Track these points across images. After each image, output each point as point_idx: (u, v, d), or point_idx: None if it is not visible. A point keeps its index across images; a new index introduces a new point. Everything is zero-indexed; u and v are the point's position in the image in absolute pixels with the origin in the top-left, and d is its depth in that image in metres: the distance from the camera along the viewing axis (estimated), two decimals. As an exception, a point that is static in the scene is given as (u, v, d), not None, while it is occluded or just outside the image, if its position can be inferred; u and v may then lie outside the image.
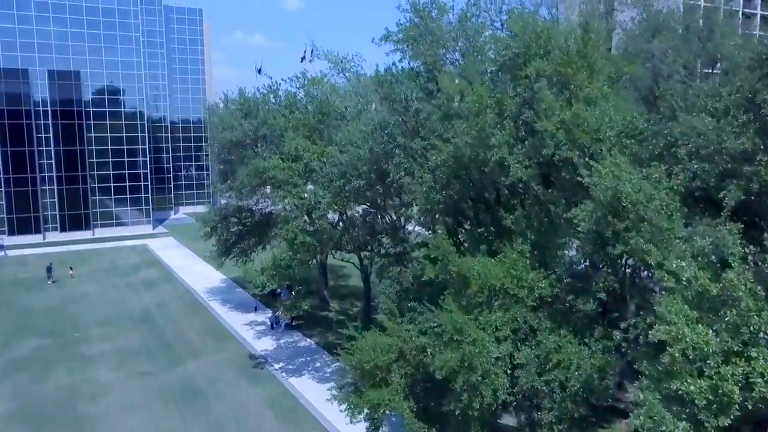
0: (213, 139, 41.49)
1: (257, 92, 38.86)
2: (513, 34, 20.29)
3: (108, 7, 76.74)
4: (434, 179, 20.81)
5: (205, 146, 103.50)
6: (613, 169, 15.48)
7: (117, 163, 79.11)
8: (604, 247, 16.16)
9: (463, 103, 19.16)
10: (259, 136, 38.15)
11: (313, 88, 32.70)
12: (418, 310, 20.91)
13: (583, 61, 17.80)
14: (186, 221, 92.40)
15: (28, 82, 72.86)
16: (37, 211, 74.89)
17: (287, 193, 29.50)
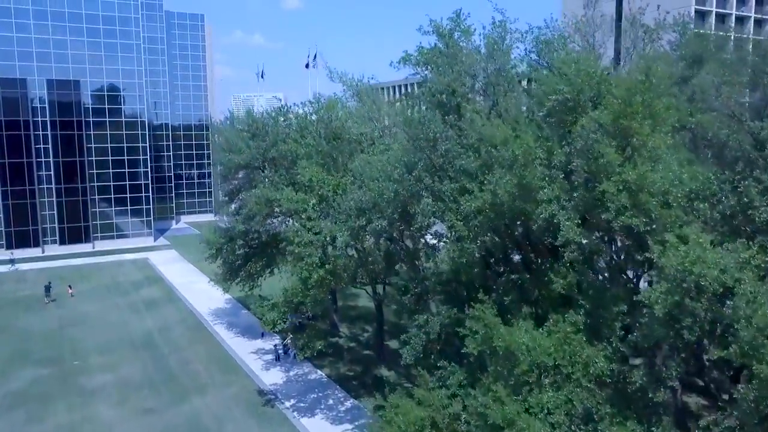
0: (218, 160, 39.66)
1: (265, 113, 37.13)
2: (559, 72, 18.45)
3: (108, 15, 74.92)
4: (467, 227, 19.06)
5: (207, 153, 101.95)
6: (694, 250, 13.73)
7: (117, 173, 77.34)
8: (680, 332, 14.44)
9: (506, 151, 17.39)
10: (267, 158, 36.40)
11: (327, 113, 30.83)
12: (449, 369, 19.18)
13: (646, 111, 16.01)
14: (187, 231, 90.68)
15: (27, 91, 71.10)
16: (36, 223, 73.13)
17: (301, 227, 27.73)
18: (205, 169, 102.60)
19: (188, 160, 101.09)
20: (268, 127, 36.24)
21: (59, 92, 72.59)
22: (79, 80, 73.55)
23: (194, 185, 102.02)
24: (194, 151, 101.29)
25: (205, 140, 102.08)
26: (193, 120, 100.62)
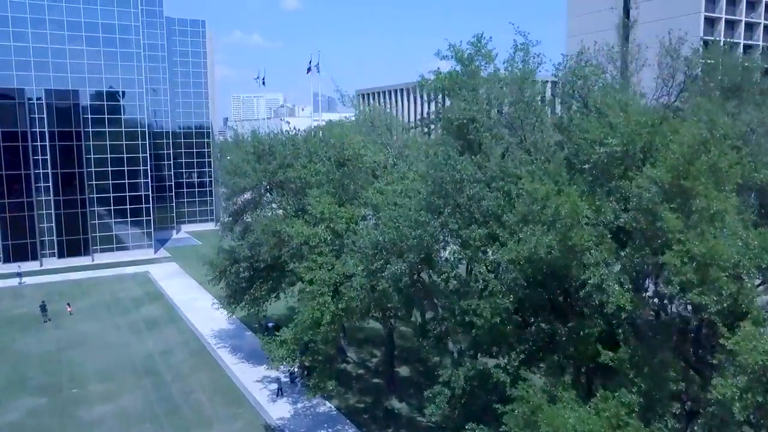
0: (223, 182, 38.09)
1: (272, 134, 35.60)
2: (598, 110, 16.95)
3: (108, 23, 73.37)
4: (499, 280, 17.55)
5: (208, 162, 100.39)
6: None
7: (117, 185, 75.77)
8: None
9: (548, 208, 15.90)
10: (274, 181, 34.88)
11: (339, 140, 29.23)
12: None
13: (711, 171, 14.46)
14: (188, 242, 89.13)
15: (24, 102, 69.50)
16: (34, 236, 71.56)
17: (313, 263, 26.22)
18: (206, 177, 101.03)
19: (189, 168, 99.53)
20: (274, 149, 34.69)
21: (58, 102, 71.01)
22: (78, 90, 71.98)
23: (195, 194, 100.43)
24: (195, 159, 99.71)
25: (207, 147, 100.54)
26: (194, 127, 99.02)
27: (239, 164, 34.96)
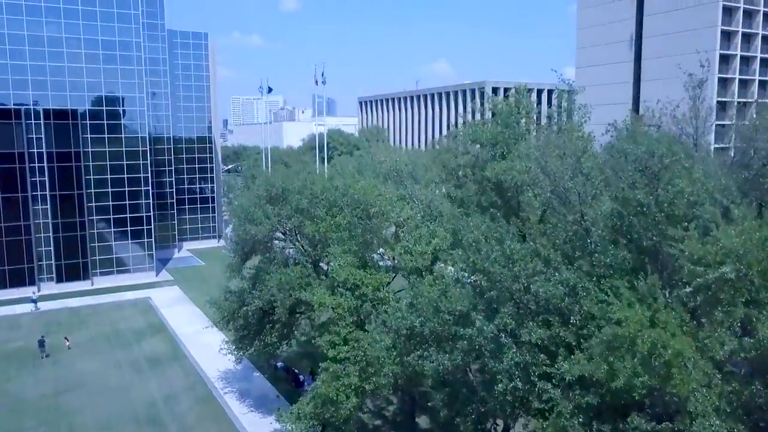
0: (234, 228, 35.57)
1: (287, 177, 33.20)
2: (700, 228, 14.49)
3: (108, 40, 70.91)
4: (567, 397, 15.14)
5: (211, 177, 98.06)
6: None
7: (117, 206, 73.30)
8: None
9: (641, 341, 13.49)
10: (288, 228, 32.46)
11: (361, 194, 26.66)
12: None
13: None
14: (191, 262, 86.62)
15: (22, 122, 67.02)
16: (32, 261, 69.05)
17: (336, 336, 23.82)
18: (209, 193, 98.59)
19: (191, 184, 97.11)
20: (289, 195, 32.23)
21: (56, 122, 68.53)
22: (77, 109, 69.54)
23: (197, 210, 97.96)
24: (197, 174, 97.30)
25: (209, 163, 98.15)
26: (197, 141, 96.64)
27: (250, 210, 32.50)
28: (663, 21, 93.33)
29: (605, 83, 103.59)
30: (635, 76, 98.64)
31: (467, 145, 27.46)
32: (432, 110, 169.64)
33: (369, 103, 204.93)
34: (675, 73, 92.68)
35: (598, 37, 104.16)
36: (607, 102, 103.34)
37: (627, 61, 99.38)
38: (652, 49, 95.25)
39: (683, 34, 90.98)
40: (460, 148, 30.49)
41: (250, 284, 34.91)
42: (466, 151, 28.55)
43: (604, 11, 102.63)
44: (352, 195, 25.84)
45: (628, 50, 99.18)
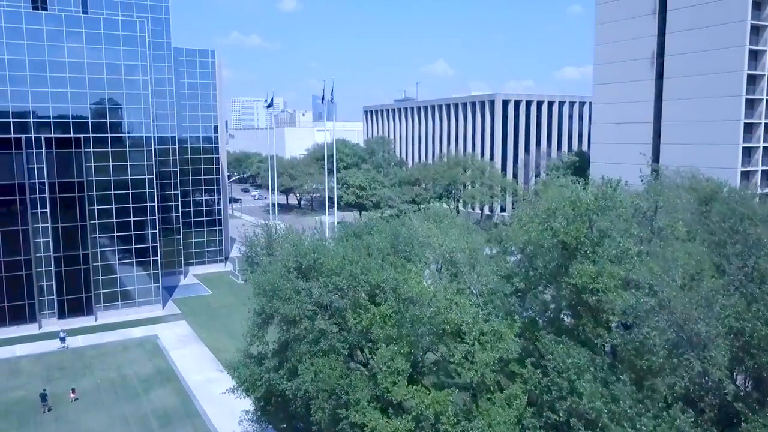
0: (257, 302, 32.14)
1: (320, 247, 29.85)
2: None
3: (113, 63, 67.55)
4: None
5: (218, 199, 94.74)
6: None
7: (122, 237, 69.95)
8: None
9: None
10: (322, 304, 29.12)
11: (416, 295, 23.26)
12: None
13: None
14: (198, 291, 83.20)
15: (22, 152, 63.67)
16: (32, 297, 65.67)
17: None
18: (215, 215, 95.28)
19: (197, 206, 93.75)
20: (321, 266, 28.88)
21: (58, 151, 65.21)
22: (80, 137, 66.18)
23: (203, 233, 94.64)
24: (204, 197, 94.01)
25: (216, 184, 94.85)
26: (203, 164, 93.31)
27: (277, 283, 29.15)
28: (686, 39, 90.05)
29: (625, 101, 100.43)
30: (657, 95, 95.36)
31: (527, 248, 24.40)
32: (440, 122, 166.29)
33: (374, 113, 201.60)
34: (699, 93, 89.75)
35: (616, 54, 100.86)
36: (627, 120, 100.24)
37: (648, 79, 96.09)
38: (675, 68, 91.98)
39: (708, 54, 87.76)
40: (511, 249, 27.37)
41: (275, 362, 31.52)
42: (526, 249, 25.26)
43: (623, 27, 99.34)
44: (404, 292, 22.47)
45: (649, 68, 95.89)
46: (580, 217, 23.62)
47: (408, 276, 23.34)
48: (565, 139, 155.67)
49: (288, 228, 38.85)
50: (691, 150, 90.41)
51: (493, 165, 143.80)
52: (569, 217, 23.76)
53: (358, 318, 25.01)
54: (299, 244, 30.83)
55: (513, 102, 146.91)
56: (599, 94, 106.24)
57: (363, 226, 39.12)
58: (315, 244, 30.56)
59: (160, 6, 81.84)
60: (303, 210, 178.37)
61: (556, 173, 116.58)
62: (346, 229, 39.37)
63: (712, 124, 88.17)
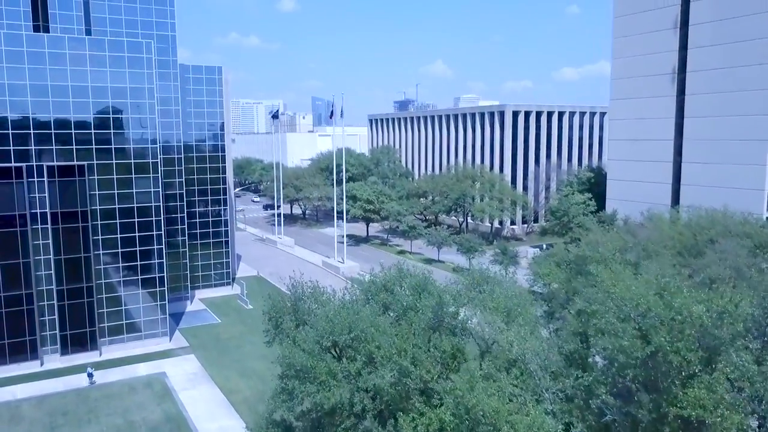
0: (284, 384, 28.96)
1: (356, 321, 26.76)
2: None
3: (119, 87, 64.49)
4: None
5: (225, 220, 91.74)
6: None
7: (128, 267, 66.91)
8: None
9: None
10: (363, 388, 26.06)
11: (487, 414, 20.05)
12: None
13: None
14: (206, 319, 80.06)
15: (23, 181, 60.61)
16: (34, 333, 62.59)
17: None
18: (222, 237, 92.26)
19: (204, 228, 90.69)
20: (360, 345, 25.81)
21: (61, 180, 62.16)
22: (84, 164, 63.11)
23: (210, 255, 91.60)
24: (210, 218, 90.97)
25: (223, 205, 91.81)
26: (210, 184, 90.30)
27: (309, 364, 26.06)
28: (709, 54, 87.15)
29: (644, 117, 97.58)
30: (678, 112, 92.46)
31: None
32: (448, 132, 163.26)
33: (379, 122, 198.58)
34: (722, 111, 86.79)
35: (635, 69, 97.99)
36: (646, 137, 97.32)
37: (668, 95, 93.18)
38: (697, 84, 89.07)
39: (732, 70, 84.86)
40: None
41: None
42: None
43: (642, 42, 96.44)
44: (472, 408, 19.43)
45: (669, 83, 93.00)
46: (690, 336, 20.04)
47: (472, 381, 20.35)
48: (576, 151, 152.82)
49: (315, 287, 35.78)
50: (714, 169, 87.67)
51: (503, 177, 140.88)
52: (672, 325, 20.37)
53: (412, 423, 22.02)
54: (333, 318, 27.70)
55: (523, 113, 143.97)
56: (616, 110, 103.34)
57: (394, 276, 36.07)
58: (351, 319, 27.45)
59: (166, 23, 78.82)
60: (308, 221, 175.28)
61: (570, 189, 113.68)
62: (374, 282, 36.26)
63: (736, 143, 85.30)
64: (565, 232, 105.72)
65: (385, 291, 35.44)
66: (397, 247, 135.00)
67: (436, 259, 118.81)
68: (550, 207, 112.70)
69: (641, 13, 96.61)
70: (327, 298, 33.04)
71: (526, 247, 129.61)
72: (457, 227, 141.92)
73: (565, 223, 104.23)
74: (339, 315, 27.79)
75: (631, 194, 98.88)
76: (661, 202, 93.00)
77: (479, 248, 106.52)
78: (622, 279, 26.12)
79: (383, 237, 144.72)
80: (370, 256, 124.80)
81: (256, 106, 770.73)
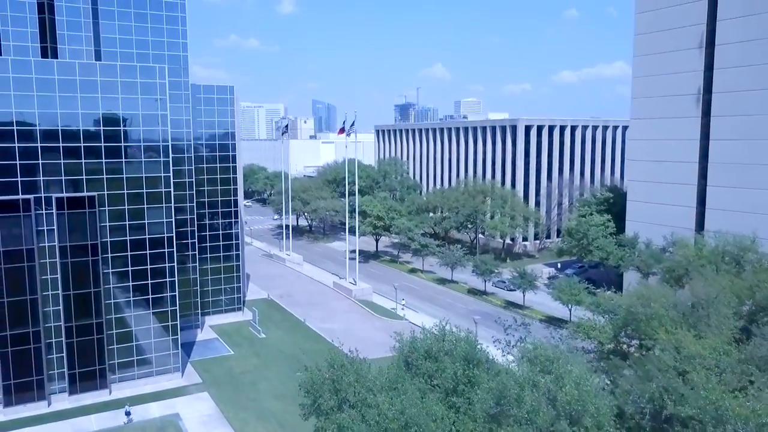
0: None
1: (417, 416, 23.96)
2: None
3: (131, 113, 61.80)
4: None
5: (236, 243, 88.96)
6: None
7: (139, 301, 64.15)
8: None
9: None
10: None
11: None
12: None
13: None
14: (218, 350, 77.14)
15: (31, 214, 57.85)
16: (41, 372, 59.79)
17: None
18: (234, 261, 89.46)
19: (214, 252, 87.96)
20: None
21: (70, 212, 59.40)
22: (94, 195, 60.36)
23: (221, 280, 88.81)
24: (222, 242, 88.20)
25: (234, 228, 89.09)
26: (221, 206, 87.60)
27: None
28: (736, 76, 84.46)
29: (666, 138, 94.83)
30: (703, 134, 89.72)
31: None
32: (457, 145, 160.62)
33: (386, 132, 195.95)
34: (750, 134, 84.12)
35: (657, 88, 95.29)
36: (669, 159, 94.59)
37: (693, 116, 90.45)
38: (724, 106, 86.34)
39: (760, 93, 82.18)
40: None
41: None
42: None
43: (665, 61, 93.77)
44: None
45: (694, 104, 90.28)
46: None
47: None
48: (588, 165, 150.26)
49: (354, 357, 33.05)
50: (742, 194, 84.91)
51: (515, 193, 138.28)
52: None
53: None
54: (382, 407, 24.91)
55: (535, 127, 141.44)
56: (636, 130, 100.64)
57: (434, 343, 33.30)
58: (400, 406, 24.71)
59: (178, 43, 76.14)
60: (314, 234, 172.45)
61: (587, 209, 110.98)
62: (415, 347, 33.53)
63: (764, 168, 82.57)
64: (584, 255, 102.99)
65: (428, 359, 32.75)
66: (408, 264, 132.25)
67: (449, 279, 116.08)
68: (568, 228, 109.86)
69: (664, 32, 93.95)
70: (367, 370, 30.27)
71: (539, 265, 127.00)
72: (468, 243, 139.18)
73: (585, 245, 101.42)
74: (388, 401, 24.92)
75: (653, 217, 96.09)
76: (684, 226, 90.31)
77: (495, 269, 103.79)
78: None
79: (392, 252, 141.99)
80: (381, 275, 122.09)
81: (257, 110, 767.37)
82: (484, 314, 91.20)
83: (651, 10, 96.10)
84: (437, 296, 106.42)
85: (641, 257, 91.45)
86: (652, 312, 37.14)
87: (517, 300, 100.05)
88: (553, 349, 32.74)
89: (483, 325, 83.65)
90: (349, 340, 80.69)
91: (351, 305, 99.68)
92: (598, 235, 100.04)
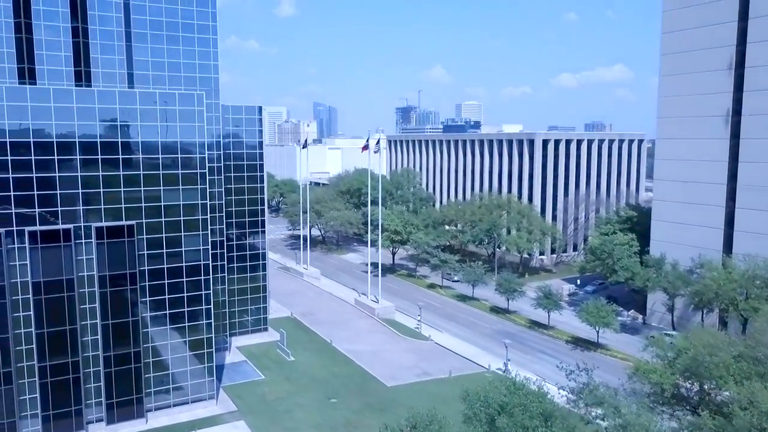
0: None
1: None
2: None
3: (169, 141, 61.49)
4: None
5: (263, 264, 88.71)
6: None
7: (175, 329, 63.79)
8: None
9: None
10: None
11: None
12: None
13: None
14: (248, 374, 76.66)
15: (71, 244, 57.46)
16: (79, 402, 59.38)
17: None
18: (260, 282, 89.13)
19: (241, 270, 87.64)
20: None
21: (110, 241, 59.01)
22: (133, 224, 60.01)
23: (247, 301, 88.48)
24: (248, 262, 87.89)
25: (260, 248, 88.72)
26: (249, 227, 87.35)
27: None
28: (766, 98, 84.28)
29: (692, 159, 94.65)
30: (732, 156, 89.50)
31: None
32: (472, 158, 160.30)
33: (398, 143, 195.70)
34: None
35: (684, 109, 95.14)
36: (696, 180, 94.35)
37: (721, 137, 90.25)
38: (753, 128, 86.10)
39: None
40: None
41: None
42: None
43: (692, 81, 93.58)
44: None
45: (722, 126, 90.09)
46: None
47: None
48: (604, 179, 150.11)
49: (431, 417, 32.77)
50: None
51: (533, 207, 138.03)
52: None
53: None
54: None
55: (553, 141, 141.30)
56: (662, 150, 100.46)
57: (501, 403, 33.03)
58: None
59: (209, 65, 75.82)
60: (327, 245, 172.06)
61: (610, 227, 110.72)
62: (488, 402, 33.24)
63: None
64: (609, 274, 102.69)
65: (499, 414, 32.46)
66: (425, 278, 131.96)
67: (470, 296, 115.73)
68: (591, 246, 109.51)
69: (691, 52, 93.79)
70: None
71: (558, 280, 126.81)
72: (484, 256, 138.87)
73: (609, 265, 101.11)
74: None
75: (679, 237, 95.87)
76: (711, 247, 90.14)
77: (519, 288, 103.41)
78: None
79: (409, 266, 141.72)
80: (399, 290, 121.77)
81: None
82: (509, 335, 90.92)
83: (678, 30, 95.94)
84: (459, 314, 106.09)
85: (668, 278, 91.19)
86: (719, 361, 36.90)
87: (541, 319, 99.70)
88: (625, 405, 32.39)
89: (514, 349, 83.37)
90: (378, 363, 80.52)
91: (374, 324, 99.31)
92: (623, 255, 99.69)
